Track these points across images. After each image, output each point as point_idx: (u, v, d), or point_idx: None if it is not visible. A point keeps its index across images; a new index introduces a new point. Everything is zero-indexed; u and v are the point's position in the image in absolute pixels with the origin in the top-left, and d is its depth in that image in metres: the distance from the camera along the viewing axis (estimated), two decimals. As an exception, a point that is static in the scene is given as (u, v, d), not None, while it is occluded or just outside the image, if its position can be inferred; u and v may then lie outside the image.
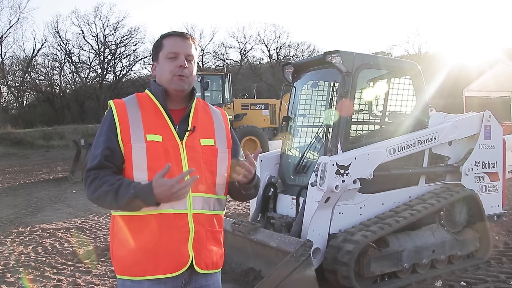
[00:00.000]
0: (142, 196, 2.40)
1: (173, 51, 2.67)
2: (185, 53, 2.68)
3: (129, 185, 2.46)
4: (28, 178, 20.87)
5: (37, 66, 56.81)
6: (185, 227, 2.57)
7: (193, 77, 2.74)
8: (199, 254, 2.61)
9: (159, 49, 2.73)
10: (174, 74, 2.65)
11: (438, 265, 6.35)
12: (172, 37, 2.73)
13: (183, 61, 2.66)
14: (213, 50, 61.44)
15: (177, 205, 2.54)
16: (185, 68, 2.66)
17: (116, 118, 2.60)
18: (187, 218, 2.58)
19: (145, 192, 2.40)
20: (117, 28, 56.67)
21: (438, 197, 6.39)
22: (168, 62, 2.67)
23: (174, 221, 2.55)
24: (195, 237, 2.59)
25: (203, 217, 2.64)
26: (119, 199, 2.43)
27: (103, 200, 2.50)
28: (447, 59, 36.49)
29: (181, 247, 2.56)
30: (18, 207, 13.41)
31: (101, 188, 2.49)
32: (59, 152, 33.56)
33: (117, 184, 2.47)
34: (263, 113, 22.13)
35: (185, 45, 2.70)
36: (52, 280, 6.78)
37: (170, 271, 2.54)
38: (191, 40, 2.74)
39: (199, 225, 2.61)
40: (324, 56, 6.25)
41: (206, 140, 2.72)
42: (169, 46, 2.69)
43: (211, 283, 2.73)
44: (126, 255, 2.58)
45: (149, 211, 2.51)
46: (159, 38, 2.78)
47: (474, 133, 7.06)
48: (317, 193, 5.72)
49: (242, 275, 5.94)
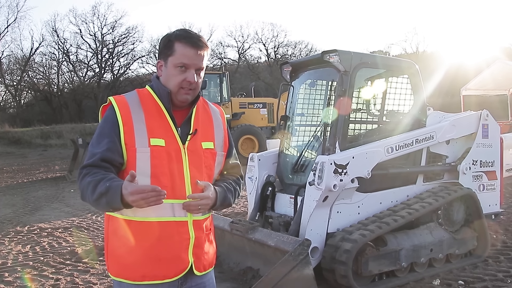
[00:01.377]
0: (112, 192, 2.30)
1: (184, 63, 2.55)
2: (196, 67, 2.58)
3: (110, 179, 2.37)
4: (26, 177, 20.84)
5: (34, 65, 56.77)
6: (186, 234, 2.57)
7: (199, 87, 2.66)
8: (198, 258, 2.63)
9: (169, 52, 2.58)
10: (181, 87, 2.58)
11: (436, 264, 6.36)
12: (185, 45, 2.55)
13: (193, 76, 2.57)
14: (211, 49, 61.28)
15: (178, 213, 2.54)
16: (193, 84, 2.58)
17: (120, 119, 2.52)
18: (188, 226, 2.58)
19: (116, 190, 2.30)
20: (115, 27, 56.68)
21: (436, 196, 6.40)
22: (176, 72, 2.56)
23: (175, 229, 2.55)
24: (195, 243, 2.60)
25: (201, 222, 2.65)
26: (95, 191, 2.35)
27: (85, 193, 2.42)
28: (445, 58, 36.51)
29: (182, 253, 2.56)
30: (16, 206, 13.39)
31: (85, 180, 2.42)
32: (57, 151, 33.51)
33: (100, 177, 2.39)
34: (261, 112, 22.12)
35: (197, 58, 2.57)
36: (50, 279, 6.77)
37: (170, 277, 2.55)
38: (205, 50, 2.61)
39: (199, 230, 2.62)
40: (322, 55, 6.25)
41: (207, 143, 2.71)
42: (180, 55, 2.54)
43: (205, 280, 2.75)
44: (124, 257, 2.56)
45: (151, 218, 2.50)
46: (171, 38, 2.60)
47: (472, 132, 7.06)
48: (315, 192, 5.72)
49: (240, 274, 5.95)
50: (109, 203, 2.33)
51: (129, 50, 57.93)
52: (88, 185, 2.39)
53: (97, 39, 56.46)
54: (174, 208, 2.53)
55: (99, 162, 2.47)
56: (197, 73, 2.59)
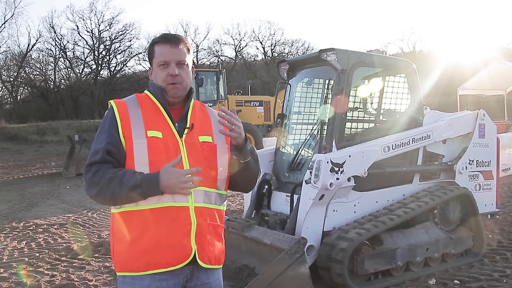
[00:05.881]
0: (148, 181, 2.47)
1: (163, 60, 2.71)
2: (176, 61, 2.71)
3: (134, 173, 2.53)
4: (22, 173, 20.79)
5: (31, 61, 56.56)
6: (186, 220, 2.58)
7: (188, 81, 2.76)
8: (202, 247, 2.63)
9: (151, 55, 2.77)
10: (167, 83, 2.70)
11: (431, 263, 6.37)
12: (161, 44, 2.74)
13: (174, 70, 2.69)
14: (208, 47, 61.45)
15: (179, 198, 2.56)
16: (176, 76, 2.69)
17: (118, 116, 2.65)
18: (189, 211, 2.60)
19: (151, 178, 2.48)
20: (112, 24, 56.47)
21: (432, 195, 6.41)
22: (160, 70, 2.72)
23: (176, 214, 2.57)
24: (197, 230, 2.60)
25: (204, 210, 2.67)
26: (123, 185, 2.47)
27: (106, 189, 2.51)
28: (442, 57, 36.47)
29: (183, 239, 2.57)
30: (11, 202, 13.37)
31: (105, 177, 2.52)
32: (53, 147, 33.39)
33: (121, 172, 2.53)
34: (258, 110, 22.13)
35: (175, 52, 2.72)
36: (46, 276, 6.77)
37: (173, 264, 2.55)
38: (181, 45, 2.74)
39: (200, 218, 2.63)
40: (319, 54, 6.25)
41: (204, 137, 2.76)
42: (159, 54, 2.72)
43: (212, 280, 2.76)
44: (126, 251, 2.59)
45: (151, 205, 2.54)
46: (151, 43, 2.80)
47: (469, 131, 7.07)
48: (311, 191, 5.72)
49: (236, 272, 5.94)
50: (144, 193, 2.49)
51: (126, 47, 57.85)
52: (110, 181, 2.50)
53: (94, 36, 56.33)
54: (174, 194, 2.56)
55: (106, 157, 2.57)
56: (179, 67, 2.71)
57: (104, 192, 2.52)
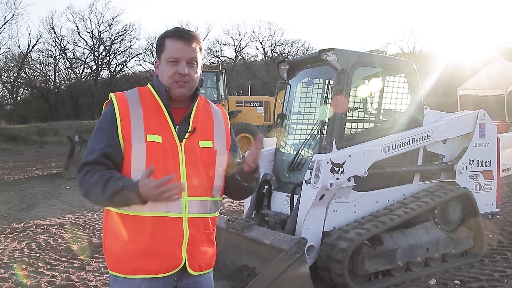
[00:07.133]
0: (127, 190, 2.35)
1: (173, 57, 2.59)
2: (186, 59, 2.59)
3: (120, 178, 2.43)
4: (22, 174, 20.78)
5: (31, 62, 56.50)
6: (179, 231, 2.56)
7: (196, 81, 2.67)
8: (193, 257, 2.61)
9: (161, 49, 2.64)
10: (173, 80, 2.59)
11: (432, 263, 6.37)
12: (173, 39, 2.61)
13: (183, 69, 2.58)
14: (208, 47, 61.24)
15: (172, 209, 2.54)
16: (185, 76, 2.59)
17: (118, 114, 2.56)
18: (182, 222, 2.57)
19: (131, 187, 2.35)
20: (112, 24, 56.46)
21: (432, 195, 6.40)
22: (168, 66, 2.60)
23: (169, 225, 2.54)
24: (189, 240, 2.58)
25: (198, 220, 2.64)
26: (105, 191, 2.39)
27: (92, 192, 2.45)
28: (442, 57, 36.52)
29: (175, 250, 2.55)
30: (12, 203, 13.36)
31: (92, 179, 2.45)
32: (53, 148, 33.40)
33: (108, 176, 2.44)
34: (258, 110, 22.10)
35: (187, 49, 2.60)
36: (46, 276, 6.76)
37: (162, 272, 2.54)
38: (195, 43, 2.63)
39: (194, 228, 2.60)
40: (319, 54, 6.25)
41: (205, 142, 2.69)
42: (170, 49, 2.60)
43: (203, 278, 2.73)
44: (118, 253, 2.58)
45: (144, 212, 2.50)
46: (162, 36, 2.67)
47: (469, 131, 7.07)
48: (311, 191, 5.72)
49: (236, 272, 5.94)
50: (124, 201, 2.41)
51: (126, 47, 57.83)
52: (95, 184, 2.43)
53: (94, 37, 56.32)
54: (168, 203, 2.51)
55: (100, 159, 2.50)
56: (189, 66, 2.61)
57: (90, 194, 2.48)
